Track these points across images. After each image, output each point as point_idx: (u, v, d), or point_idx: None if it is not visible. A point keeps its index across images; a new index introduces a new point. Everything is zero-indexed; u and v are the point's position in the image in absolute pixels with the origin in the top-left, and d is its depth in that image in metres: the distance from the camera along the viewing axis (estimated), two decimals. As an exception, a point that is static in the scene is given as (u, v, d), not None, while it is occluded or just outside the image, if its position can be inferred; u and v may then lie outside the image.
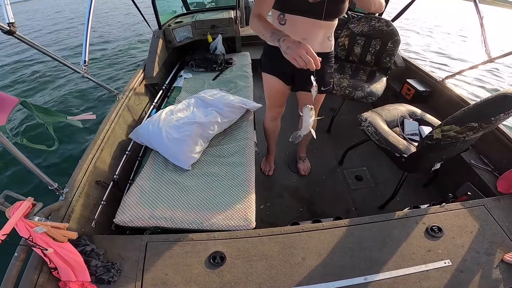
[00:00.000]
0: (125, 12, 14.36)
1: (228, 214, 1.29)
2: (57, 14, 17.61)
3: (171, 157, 1.57)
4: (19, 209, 0.85)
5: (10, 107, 0.89)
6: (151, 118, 1.71)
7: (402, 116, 1.85)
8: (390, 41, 2.30)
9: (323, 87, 1.52)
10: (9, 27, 1.12)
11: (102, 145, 1.50)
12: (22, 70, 6.47)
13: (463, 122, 1.22)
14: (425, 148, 1.43)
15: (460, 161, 1.71)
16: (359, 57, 2.51)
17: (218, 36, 2.91)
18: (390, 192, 1.76)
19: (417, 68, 2.52)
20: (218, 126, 1.73)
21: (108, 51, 7.81)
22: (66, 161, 3.20)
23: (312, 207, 1.86)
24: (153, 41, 2.56)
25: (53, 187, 1.13)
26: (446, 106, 2.09)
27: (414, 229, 1.17)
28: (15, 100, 0.91)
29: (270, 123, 1.86)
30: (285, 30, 1.15)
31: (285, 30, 1.19)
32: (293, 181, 2.05)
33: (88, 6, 1.63)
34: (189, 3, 3.49)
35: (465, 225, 1.19)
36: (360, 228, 1.18)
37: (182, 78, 2.53)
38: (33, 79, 5.90)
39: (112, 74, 6.03)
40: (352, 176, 2.07)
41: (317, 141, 2.30)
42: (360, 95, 2.10)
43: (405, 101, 2.32)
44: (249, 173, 1.51)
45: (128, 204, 1.34)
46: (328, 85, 1.55)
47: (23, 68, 6.53)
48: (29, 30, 12.42)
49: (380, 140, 1.62)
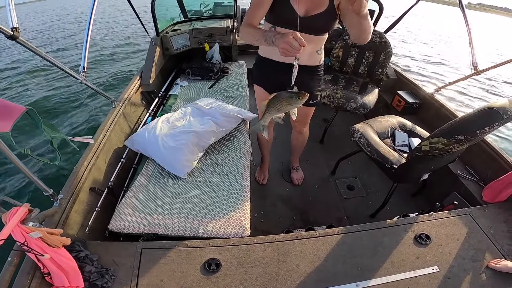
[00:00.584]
0: (124, 19, 14.44)
1: (224, 221, 1.30)
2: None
3: (167, 165, 1.59)
4: (15, 214, 0.85)
5: (16, 115, 0.90)
6: (147, 126, 1.72)
7: (393, 128, 1.90)
8: (383, 52, 2.38)
9: (311, 100, 1.55)
10: (12, 32, 1.11)
11: (97, 152, 1.50)
12: (20, 72, 6.43)
13: (450, 135, 1.27)
14: (414, 159, 1.48)
15: (447, 172, 1.76)
16: (352, 68, 2.58)
17: (215, 45, 2.95)
18: (381, 201, 1.80)
19: (408, 80, 2.60)
20: (214, 135, 1.75)
21: (105, 56, 7.81)
22: (62, 167, 3.17)
23: (305, 216, 1.89)
24: (151, 48, 2.58)
25: (48, 193, 1.13)
26: (435, 118, 2.15)
27: (403, 236, 1.20)
28: (22, 108, 0.92)
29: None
30: None
31: None
32: (286, 190, 2.08)
33: (89, 14, 1.66)
34: (187, 11, 3.53)
35: (451, 233, 1.23)
36: (352, 236, 1.21)
37: (178, 86, 2.55)
38: (29, 82, 5.86)
39: (108, 80, 6.02)
40: (344, 185, 2.11)
41: (310, 151, 2.37)
42: (353, 107, 2.15)
43: (395, 112, 2.39)
44: (244, 182, 1.53)
45: (123, 211, 1.34)
46: (316, 98, 1.59)
47: (22, 71, 6.49)
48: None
49: (372, 151, 1.67)
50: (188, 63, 2.80)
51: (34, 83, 5.86)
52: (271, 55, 1.44)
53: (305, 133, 1.88)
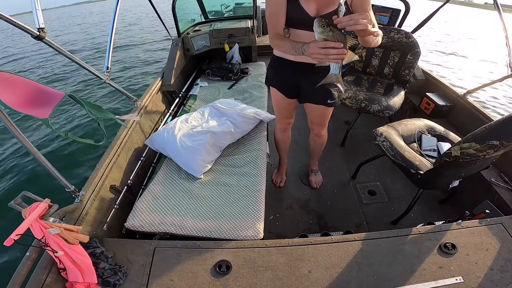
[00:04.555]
0: (147, 20, 14.98)
1: (237, 223, 1.29)
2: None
3: (184, 165, 1.60)
4: (35, 210, 0.88)
5: (56, 101, 0.93)
6: (167, 126, 1.75)
7: (420, 131, 1.80)
8: (410, 53, 2.26)
9: (329, 100, 1.50)
10: (38, 32, 1.12)
11: (118, 150, 1.55)
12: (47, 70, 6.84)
13: (483, 140, 1.17)
14: (443, 166, 1.38)
15: (480, 179, 1.64)
16: (376, 69, 2.48)
17: (235, 45, 2.97)
18: (404, 207, 1.70)
19: (438, 82, 2.45)
20: (231, 136, 1.75)
21: (128, 57, 8.12)
22: (82, 164, 3.32)
23: (322, 220, 1.83)
24: (172, 49, 2.63)
25: (70, 190, 1.17)
26: (467, 122, 2.02)
27: (426, 245, 1.13)
28: (61, 94, 0.95)
29: (280, 134, 1.86)
30: None
31: None
32: (304, 193, 2.02)
33: (112, 16, 1.71)
34: (207, 12, 3.58)
35: (480, 243, 1.13)
36: (369, 243, 1.14)
37: (198, 86, 2.59)
38: (54, 79, 6.21)
39: (131, 79, 6.24)
40: (365, 190, 2.02)
41: (330, 155, 2.31)
42: (377, 109, 2.06)
43: (424, 115, 2.27)
44: (260, 184, 1.51)
45: (140, 209, 1.37)
46: (335, 97, 1.52)
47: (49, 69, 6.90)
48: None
49: (396, 155, 1.58)
50: (208, 63, 2.84)
51: (59, 81, 6.17)
52: (286, 54, 1.41)
53: (324, 136, 1.82)
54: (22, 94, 0.90)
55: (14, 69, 7.69)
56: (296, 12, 1.20)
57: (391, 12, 2.71)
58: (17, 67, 8.06)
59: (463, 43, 10.52)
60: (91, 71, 1.56)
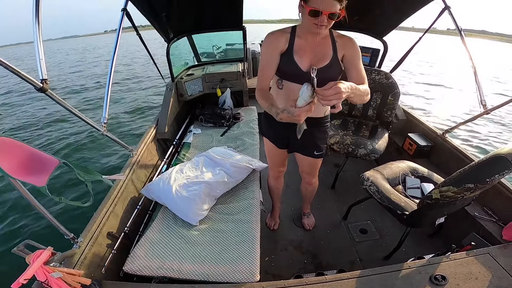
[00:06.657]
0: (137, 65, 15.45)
1: (233, 267, 1.32)
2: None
3: (180, 213, 1.64)
4: (40, 257, 0.93)
5: (51, 168, 0.98)
6: (162, 176, 1.80)
7: (404, 173, 1.90)
8: (390, 94, 2.40)
9: (316, 152, 1.58)
10: (42, 84, 1.12)
11: (115, 200, 1.59)
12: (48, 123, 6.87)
13: (459, 183, 1.27)
14: (426, 207, 1.46)
15: (464, 214, 1.72)
16: (361, 111, 2.62)
17: (227, 90, 3.08)
18: (395, 243, 1.76)
19: (418, 121, 2.58)
20: (225, 185, 1.81)
21: (124, 102, 8.28)
22: (81, 209, 3.27)
23: (316, 259, 1.86)
24: (166, 94, 2.68)
25: (69, 237, 1.20)
26: (448, 161, 2.12)
27: (417, 279, 1.16)
28: (56, 161, 1.01)
29: (273, 181, 1.93)
30: (281, 94, 1.33)
31: (282, 93, 1.35)
32: (297, 235, 2.06)
33: (109, 65, 1.74)
34: (199, 53, 3.65)
35: (469, 272, 1.18)
36: (363, 281, 1.18)
37: (192, 133, 2.66)
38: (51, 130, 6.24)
39: (127, 125, 6.34)
40: (356, 229, 2.07)
41: (321, 197, 2.37)
42: (363, 153, 2.16)
43: (407, 156, 2.38)
44: (254, 230, 1.55)
45: (138, 254, 1.40)
46: (322, 149, 1.59)
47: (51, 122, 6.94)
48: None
49: (382, 198, 1.66)
50: (201, 108, 2.91)
51: (55, 130, 6.22)
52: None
53: (314, 184, 1.89)
54: (18, 159, 0.92)
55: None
56: (290, 66, 1.28)
57: (371, 52, 2.79)
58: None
59: (436, 70, 11.07)
60: (90, 123, 1.59)
